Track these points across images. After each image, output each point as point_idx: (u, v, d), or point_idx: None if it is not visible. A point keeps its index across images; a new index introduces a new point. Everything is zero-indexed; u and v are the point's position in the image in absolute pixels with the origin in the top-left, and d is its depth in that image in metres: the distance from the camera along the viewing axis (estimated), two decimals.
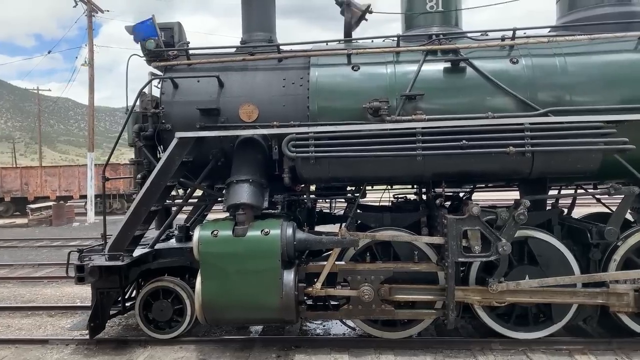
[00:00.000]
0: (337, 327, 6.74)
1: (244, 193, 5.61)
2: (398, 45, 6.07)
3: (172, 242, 6.85)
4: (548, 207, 6.19)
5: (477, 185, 7.21)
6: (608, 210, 7.12)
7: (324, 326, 6.85)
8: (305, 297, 5.77)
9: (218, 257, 5.50)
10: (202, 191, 6.84)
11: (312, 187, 6.48)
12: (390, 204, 6.96)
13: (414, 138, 5.34)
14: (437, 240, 5.56)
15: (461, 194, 7.30)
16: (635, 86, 5.62)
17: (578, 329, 6.19)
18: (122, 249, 5.76)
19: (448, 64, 5.88)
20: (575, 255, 5.76)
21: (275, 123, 5.84)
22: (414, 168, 5.46)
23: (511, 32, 5.94)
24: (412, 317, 5.79)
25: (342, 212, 7.25)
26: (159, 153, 6.40)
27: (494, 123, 5.34)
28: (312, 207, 7.19)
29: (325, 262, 5.81)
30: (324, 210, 7.64)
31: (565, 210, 6.86)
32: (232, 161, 6.05)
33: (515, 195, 7.28)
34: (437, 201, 5.71)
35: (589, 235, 5.64)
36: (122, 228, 5.75)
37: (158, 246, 6.49)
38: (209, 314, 5.59)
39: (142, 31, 6.35)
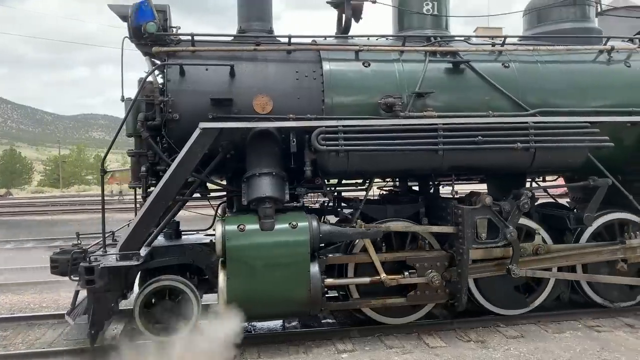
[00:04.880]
0: None
1: (268, 186, 5.51)
2: (403, 45, 6.37)
3: (161, 240, 6.44)
4: None
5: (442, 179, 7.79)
6: (553, 200, 8.18)
7: None
8: (326, 289, 5.84)
9: (246, 253, 5.35)
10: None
11: None
12: (379, 196, 7.25)
13: (436, 133, 5.68)
14: (448, 229, 5.97)
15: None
16: (601, 92, 6.55)
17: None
18: (136, 247, 5.32)
19: (450, 65, 6.32)
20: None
21: (291, 116, 5.80)
22: (434, 161, 5.81)
23: (501, 39, 6.58)
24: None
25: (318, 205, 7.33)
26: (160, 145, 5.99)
27: (503, 121, 5.88)
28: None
29: (338, 254, 6.02)
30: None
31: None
32: (242, 154, 5.89)
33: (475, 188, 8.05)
34: (452, 193, 6.12)
35: (567, 221, 6.46)
36: (137, 224, 5.32)
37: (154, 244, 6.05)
38: (234, 311, 5.38)
39: (139, 13, 5.89)
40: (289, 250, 5.41)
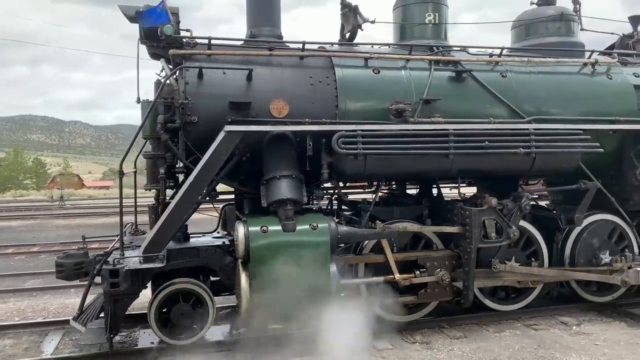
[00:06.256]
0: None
1: (288, 188, 5.62)
2: (410, 53, 6.65)
3: (170, 243, 6.39)
4: None
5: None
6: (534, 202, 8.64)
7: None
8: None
9: (269, 254, 5.43)
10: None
11: None
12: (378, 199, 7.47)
13: (447, 138, 5.97)
14: (456, 229, 6.28)
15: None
16: (588, 102, 7.05)
17: None
18: (160, 249, 5.30)
19: (453, 74, 6.65)
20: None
21: (307, 120, 5.95)
22: (444, 165, 6.11)
23: (499, 49, 6.98)
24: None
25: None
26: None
27: (507, 128, 6.25)
28: None
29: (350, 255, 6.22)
30: None
31: None
32: (256, 157, 5.98)
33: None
34: (461, 196, 6.43)
35: (559, 222, 6.91)
36: (161, 227, 5.30)
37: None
38: (257, 313, 5.47)
39: (153, 16, 5.89)
40: (311, 251, 5.53)
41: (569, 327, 6.55)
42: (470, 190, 8.40)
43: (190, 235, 6.70)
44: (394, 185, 7.86)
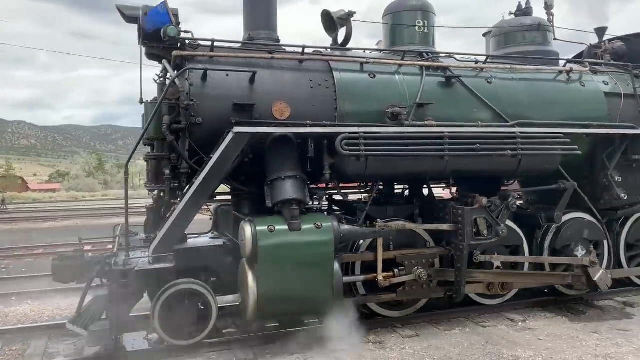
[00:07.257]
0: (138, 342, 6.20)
1: (293, 188, 5.75)
2: (403, 59, 6.92)
3: None
4: None
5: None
6: None
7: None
8: None
9: (277, 252, 5.55)
10: None
11: None
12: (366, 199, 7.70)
13: (442, 141, 6.26)
14: (449, 227, 6.57)
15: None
16: (564, 107, 7.52)
17: None
18: (169, 250, 5.32)
19: (443, 79, 6.97)
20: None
21: (308, 122, 6.10)
22: (438, 166, 6.39)
23: (484, 57, 7.36)
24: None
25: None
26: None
27: (495, 131, 6.60)
28: None
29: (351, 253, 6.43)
30: None
31: None
32: (258, 158, 6.09)
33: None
34: (452, 195, 6.73)
35: (540, 220, 7.34)
36: (170, 227, 5.32)
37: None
38: (264, 309, 5.58)
39: (155, 17, 5.91)
40: (316, 250, 5.69)
41: (515, 324, 6.76)
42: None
43: (188, 236, 6.72)
44: (381, 186, 8.12)
